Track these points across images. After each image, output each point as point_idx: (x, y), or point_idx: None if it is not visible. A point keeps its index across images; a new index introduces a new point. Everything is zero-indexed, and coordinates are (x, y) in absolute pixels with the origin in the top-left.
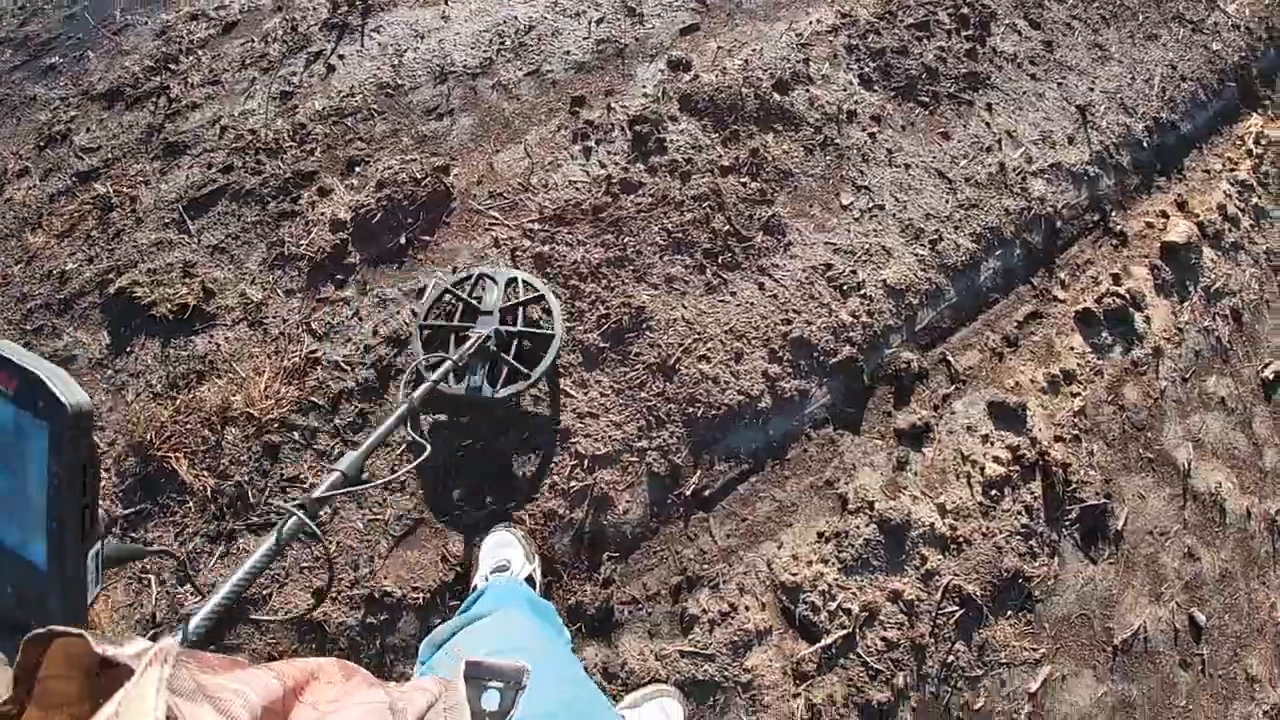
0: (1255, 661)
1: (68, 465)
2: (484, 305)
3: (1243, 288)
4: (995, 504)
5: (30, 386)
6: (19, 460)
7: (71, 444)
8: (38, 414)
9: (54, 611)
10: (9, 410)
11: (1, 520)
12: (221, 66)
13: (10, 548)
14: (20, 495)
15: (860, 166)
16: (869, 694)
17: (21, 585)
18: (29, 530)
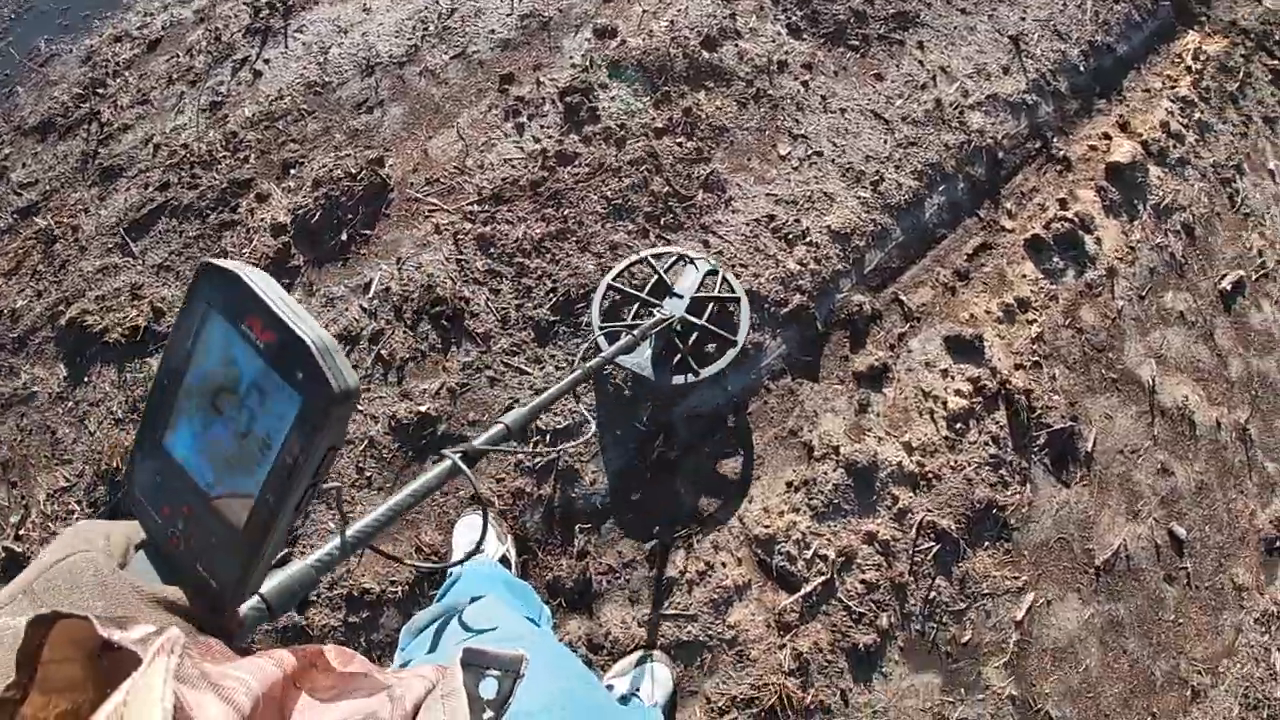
0: (1241, 570)
1: (314, 445)
2: (677, 287)
3: (1192, 202)
4: (961, 437)
5: (291, 349)
6: (247, 415)
7: (325, 426)
8: (293, 383)
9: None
10: (254, 361)
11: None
12: (149, 85)
13: (202, 490)
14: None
15: (795, 116)
16: (854, 637)
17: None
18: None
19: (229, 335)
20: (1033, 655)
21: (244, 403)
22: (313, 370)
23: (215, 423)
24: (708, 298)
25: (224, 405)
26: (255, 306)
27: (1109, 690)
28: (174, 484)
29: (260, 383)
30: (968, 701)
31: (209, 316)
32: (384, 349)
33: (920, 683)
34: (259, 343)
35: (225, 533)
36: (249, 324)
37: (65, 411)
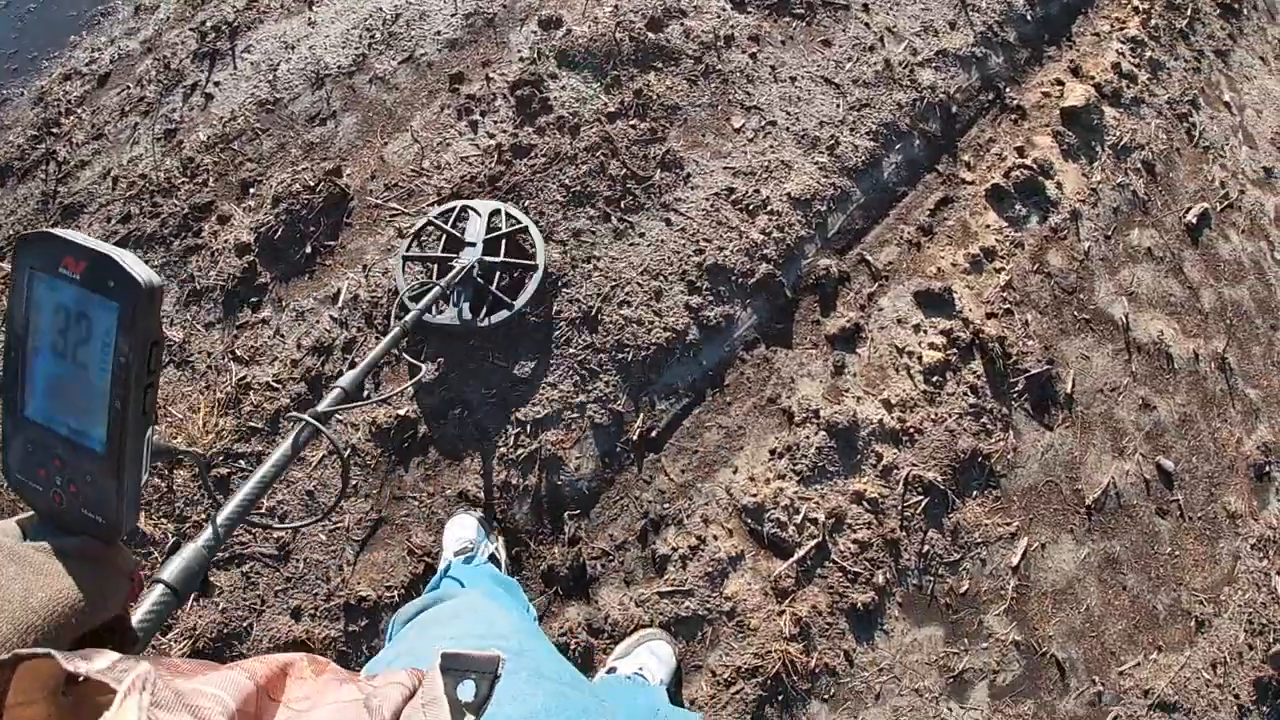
0: (1232, 498)
1: (138, 341)
2: (467, 236)
3: (1150, 140)
4: (939, 389)
5: (100, 267)
6: (82, 345)
7: (143, 319)
8: (107, 294)
9: (109, 495)
10: (75, 293)
11: (60, 408)
12: (103, 119)
13: (67, 437)
14: (81, 381)
15: (746, 88)
16: (852, 597)
17: (77, 475)
18: (88, 416)
19: (52, 285)
20: (1032, 599)
21: (77, 335)
22: (120, 274)
23: (60, 368)
24: (499, 236)
25: (63, 347)
26: (66, 248)
27: (1112, 628)
28: (42, 446)
29: (84, 309)
30: (972, 651)
31: (33, 279)
32: (358, 356)
33: (923, 636)
34: (74, 275)
35: (94, 464)
36: (64, 265)
37: None
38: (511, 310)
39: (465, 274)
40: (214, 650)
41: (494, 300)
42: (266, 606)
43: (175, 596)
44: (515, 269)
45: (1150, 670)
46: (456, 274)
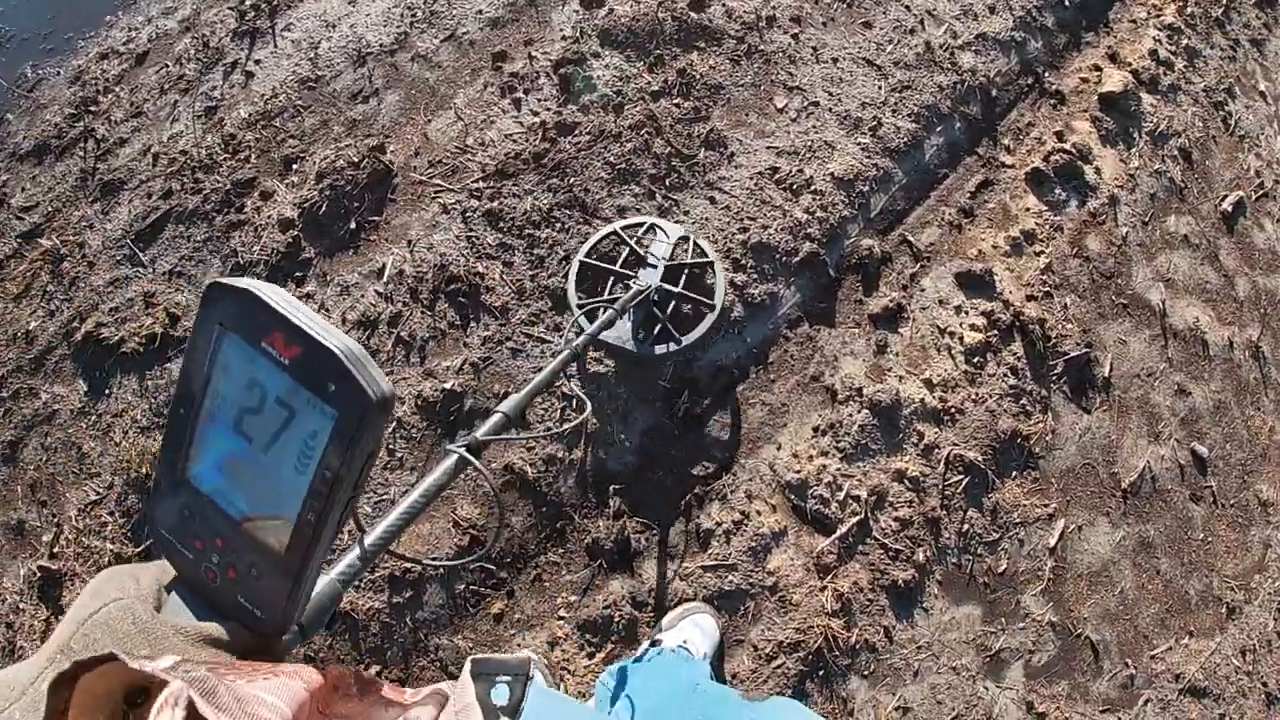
0: (1265, 486)
1: (353, 458)
2: (650, 258)
3: (1187, 127)
4: (980, 370)
5: (319, 362)
6: (276, 435)
7: (365, 436)
8: (324, 397)
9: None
10: (280, 380)
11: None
12: (141, 97)
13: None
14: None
15: (789, 69)
16: (893, 574)
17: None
18: (269, 510)
19: (249, 355)
20: (1068, 580)
21: (272, 424)
22: (346, 381)
23: (242, 448)
24: (681, 265)
25: (250, 428)
26: (275, 322)
27: (1145, 611)
28: (203, 516)
29: (288, 400)
30: (1009, 630)
31: (224, 338)
32: (403, 331)
33: (961, 615)
34: (283, 359)
35: (265, 559)
36: (270, 341)
37: (89, 425)
38: (679, 345)
39: (643, 297)
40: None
41: (662, 329)
42: None
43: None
44: (690, 303)
45: (1182, 655)
46: (634, 295)
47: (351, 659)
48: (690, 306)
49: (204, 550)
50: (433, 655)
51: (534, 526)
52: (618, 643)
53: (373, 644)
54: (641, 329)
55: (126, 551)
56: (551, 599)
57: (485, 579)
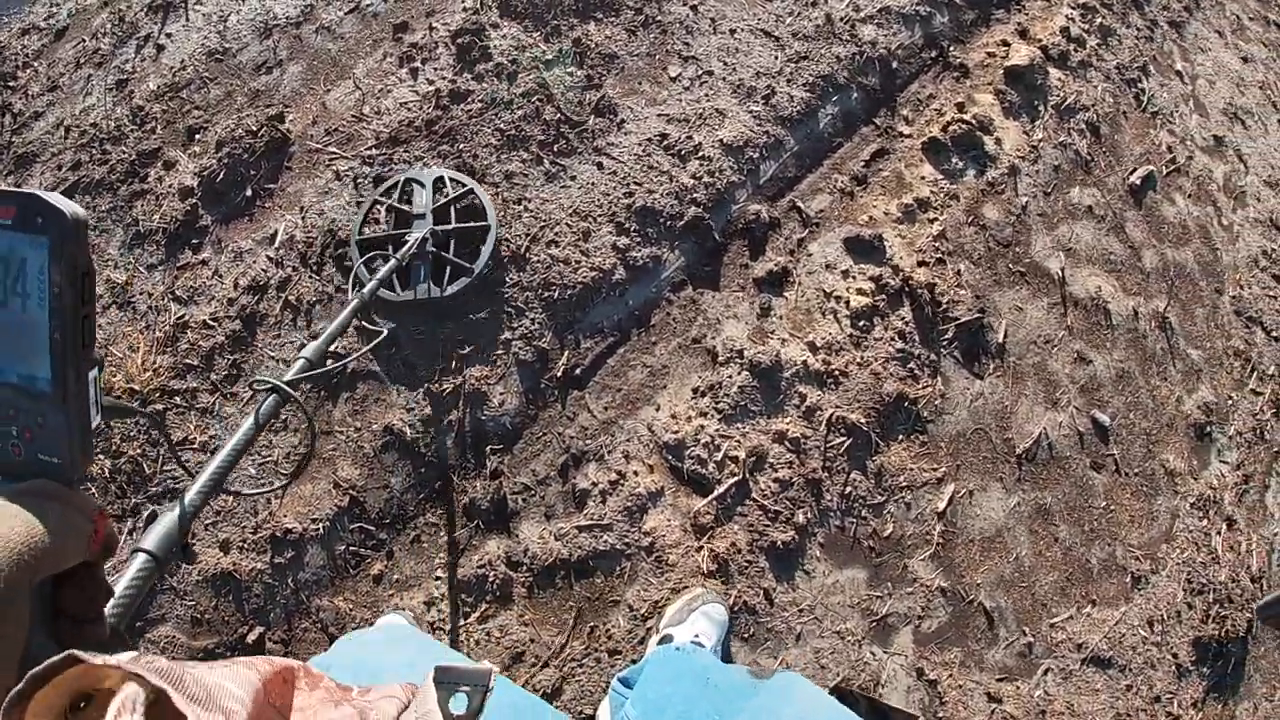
0: (1171, 456)
1: (68, 269)
2: (415, 209)
3: (1096, 102)
4: (866, 334)
5: (26, 207)
6: (20, 287)
7: (72, 248)
8: (37, 231)
9: (60, 431)
10: (7, 238)
11: (7, 358)
12: (58, 72)
13: (17, 384)
14: (22, 325)
15: (685, 39)
16: (772, 536)
17: (30, 420)
18: (34, 358)
19: None
20: (959, 546)
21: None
22: (45, 209)
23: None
24: (446, 203)
25: (4, 295)
26: None
27: (1043, 579)
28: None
29: (17, 251)
30: (896, 595)
31: None
32: (291, 294)
33: (845, 578)
34: (5, 221)
35: (43, 404)
36: None
37: None
38: (472, 275)
39: (420, 246)
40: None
41: (454, 267)
42: (196, 539)
43: (156, 563)
44: (468, 232)
45: (1084, 624)
46: (409, 248)
47: (236, 620)
48: (471, 236)
49: (4, 431)
50: (314, 616)
51: (413, 487)
52: (492, 602)
53: (255, 605)
54: (436, 275)
55: None
56: (430, 560)
57: (365, 540)
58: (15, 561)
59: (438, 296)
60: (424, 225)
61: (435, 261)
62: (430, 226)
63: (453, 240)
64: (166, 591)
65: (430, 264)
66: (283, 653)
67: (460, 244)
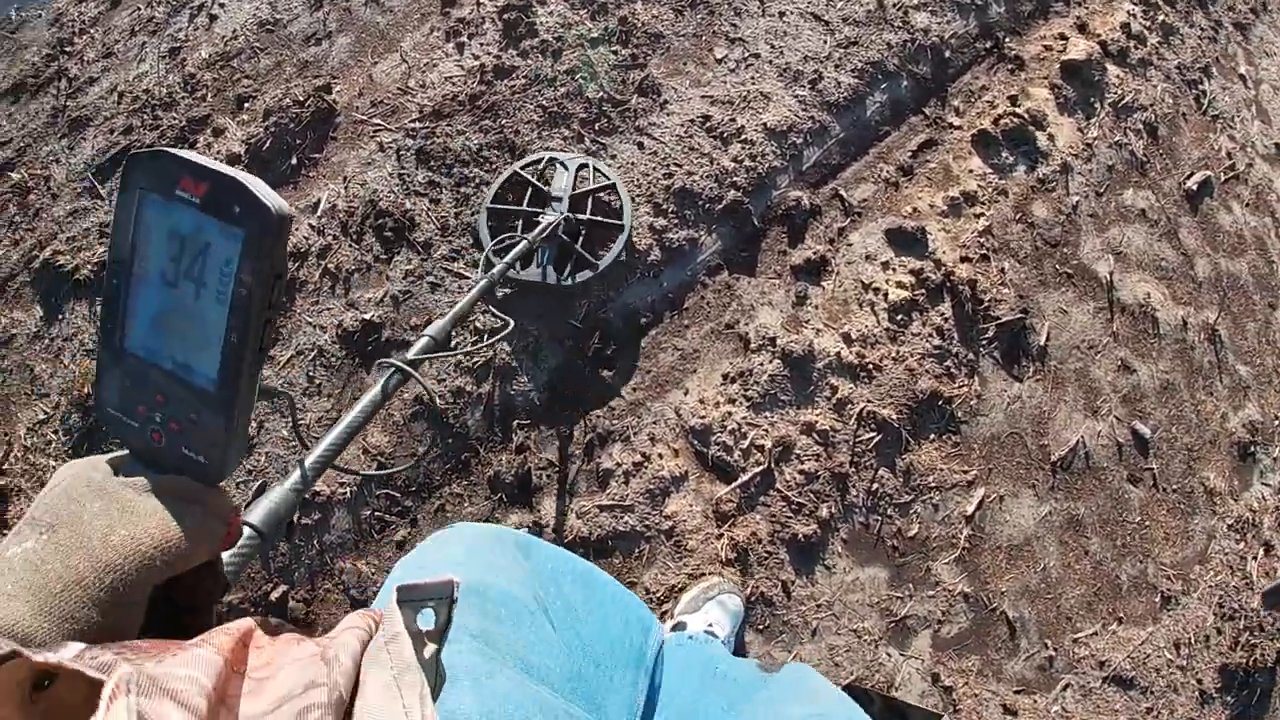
0: (1212, 474)
1: (263, 271)
2: (553, 191)
3: (1154, 102)
4: (903, 328)
5: (224, 191)
6: (197, 273)
7: (271, 248)
8: (232, 220)
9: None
10: (193, 218)
11: (166, 342)
12: (113, 39)
13: (171, 372)
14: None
15: (733, 20)
16: (794, 528)
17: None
18: (198, 350)
19: (165, 206)
20: (985, 552)
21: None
22: (248, 200)
23: (169, 298)
24: (586, 192)
25: (175, 277)
26: (185, 168)
27: (1070, 592)
28: (142, 380)
29: (203, 235)
30: (917, 597)
31: (144, 199)
32: (331, 262)
33: (865, 576)
34: (194, 199)
35: (201, 400)
36: (183, 186)
37: (42, 349)
38: (595, 270)
39: (551, 231)
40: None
41: (578, 258)
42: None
43: (262, 540)
44: (600, 227)
45: (1108, 641)
46: (543, 230)
47: (261, 578)
48: (602, 231)
49: (147, 413)
50: (337, 578)
51: (440, 458)
52: None
53: (281, 563)
54: (558, 262)
55: None
56: None
57: (390, 506)
58: (143, 565)
59: (555, 284)
60: (559, 209)
61: (561, 248)
62: (565, 212)
63: (583, 231)
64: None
65: (555, 250)
66: (304, 612)
67: (589, 236)
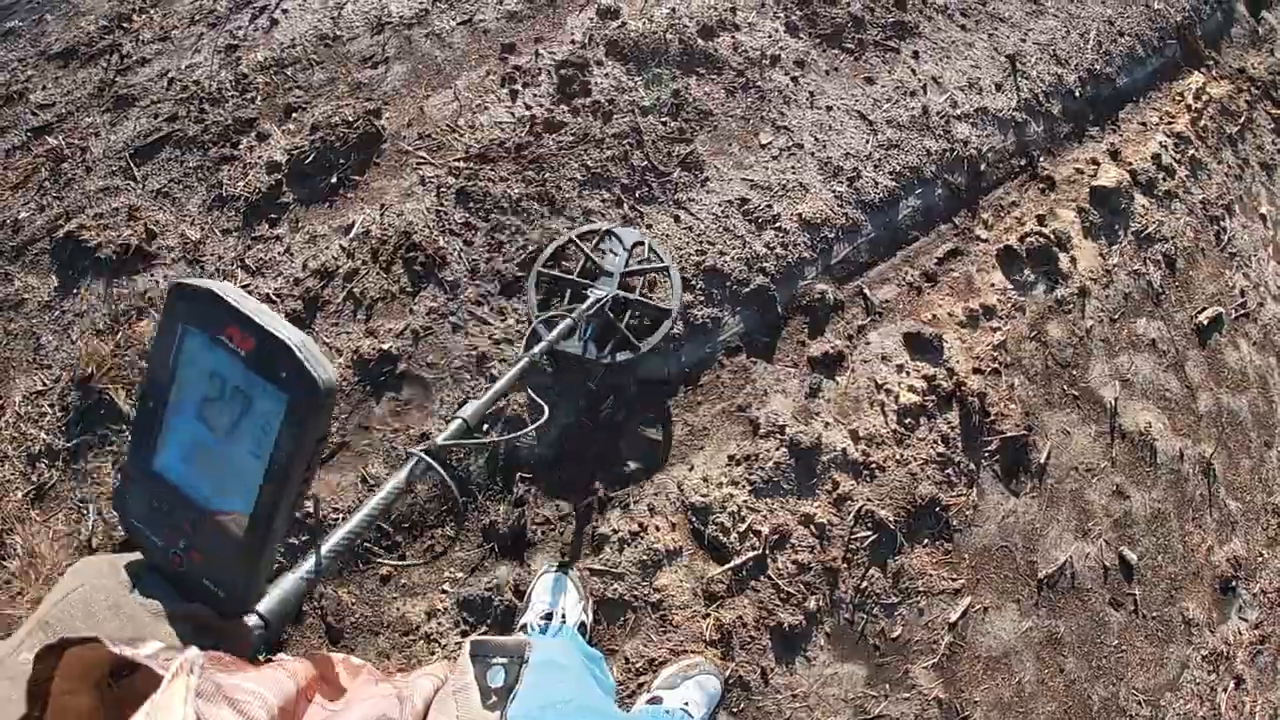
0: (1192, 605)
1: (303, 440)
2: (606, 265)
3: (1176, 234)
4: (910, 432)
5: (272, 352)
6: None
7: (315, 419)
8: (277, 383)
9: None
10: (238, 371)
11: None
12: (171, 24)
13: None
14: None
15: (781, 108)
16: (780, 616)
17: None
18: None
19: (209, 348)
20: (964, 660)
21: (231, 411)
22: (296, 368)
23: (204, 436)
24: (637, 270)
25: (211, 417)
26: (232, 317)
27: (1042, 707)
28: (170, 504)
29: (245, 389)
30: (892, 698)
31: (187, 334)
32: (357, 287)
33: (844, 672)
34: (240, 350)
35: (227, 541)
36: (228, 334)
37: (51, 320)
38: (636, 353)
39: (599, 308)
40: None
41: (620, 337)
42: None
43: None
44: (647, 309)
45: None
46: (591, 305)
47: None
48: (647, 312)
49: (171, 537)
50: (316, 603)
51: (437, 498)
52: (492, 625)
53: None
54: (600, 337)
55: (57, 444)
56: (439, 571)
57: (380, 539)
58: None
59: (594, 360)
60: (610, 285)
61: (605, 324)
62: (614, 290)
63: (628, 311)
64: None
65: (599, 325)
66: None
67: (634, 315)
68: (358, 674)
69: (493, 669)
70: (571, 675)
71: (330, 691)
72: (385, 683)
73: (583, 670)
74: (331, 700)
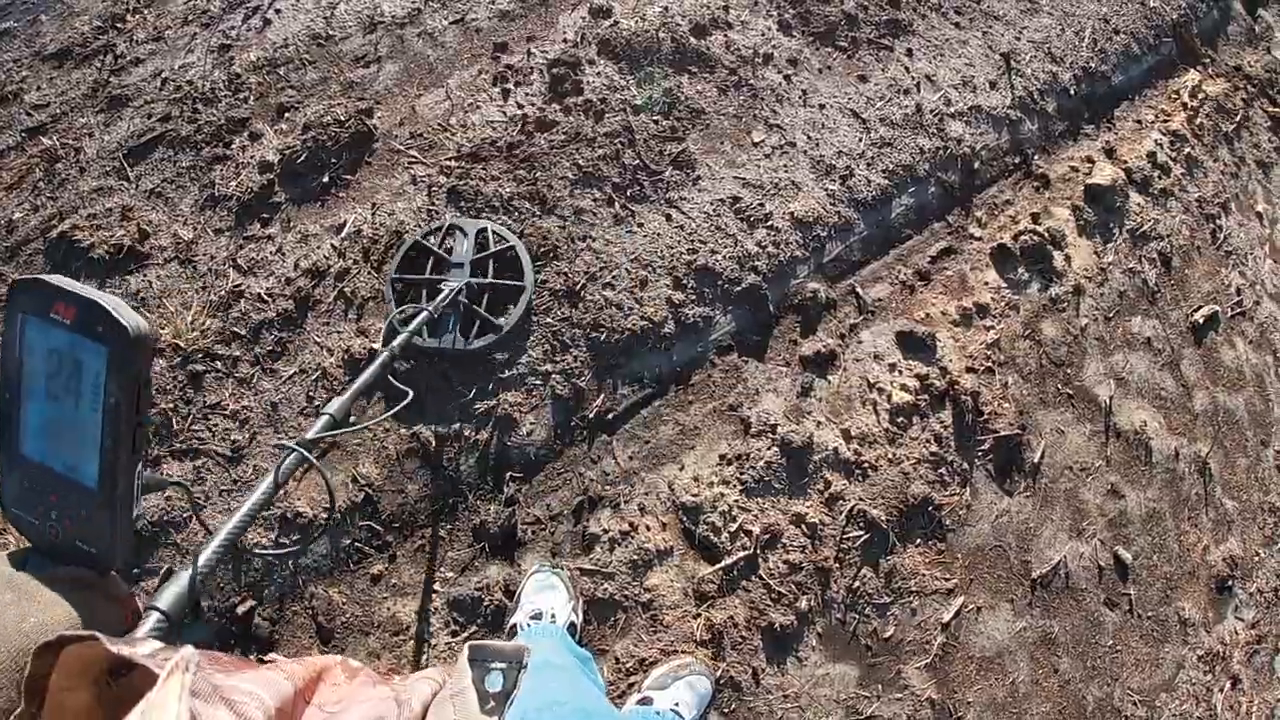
0: (1188, 604)
1: (126, 384)
2: (454, 257)
3: (1172, 232)
4: (902, 431)
5: (89, 313)
6: (73, 386)
7: (130, 363)
8: (97, 338)
9: (103, 528)
10: (67, 338)
11: (55, 448)
12: (165, 24)
13: (61, 474)
14: (74, 421)
15: (774, 106)
16: (771, 616)
17: (71, 510)
18: (81, 454)
19: (44, 329)
20: (957, 661)
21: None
22: (110, 322)
23: (54, 409)
24: (486, 256)
25: (57, 390)
26: (58, 294)
27: (1036, 708)
28: (38, 483)
29: (75, 353)
30: (884, 698)
31: (26, 322)
32: (348, 286)
33: (836, 672)
34: (65, 320)
35: (88, 498)
36: (55, 310)
37: None
38: (498, 332)
39: (454, 297)
40: (149, 535)
41: (483, 322)
42: (209, 503)
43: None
44: (503, 289)
45: None
46: (444, 298)
47: (230, 589)
48: (505, 293)
49: (43, 512)
50: (307, 601)
51: (428, 498)
52: (482, 626)
53: (253, 578)
54: (464, 327)
55: None
56: (430, 571)
57: (371, 538)
58: None
59: (460, 349)
60: (461, 275)
61: (465, 313)
62: (466, 278)
63: (486, 295)
64: (169, 547)
65: (460, 315)
66: (269, 631)
67: (493, 299)
68: (355, 676)
69: (491, 674)
70: (567, 676)
71: (328, 693)
72: (383, 685)
73: (577, 670)
74: (329, 700)
